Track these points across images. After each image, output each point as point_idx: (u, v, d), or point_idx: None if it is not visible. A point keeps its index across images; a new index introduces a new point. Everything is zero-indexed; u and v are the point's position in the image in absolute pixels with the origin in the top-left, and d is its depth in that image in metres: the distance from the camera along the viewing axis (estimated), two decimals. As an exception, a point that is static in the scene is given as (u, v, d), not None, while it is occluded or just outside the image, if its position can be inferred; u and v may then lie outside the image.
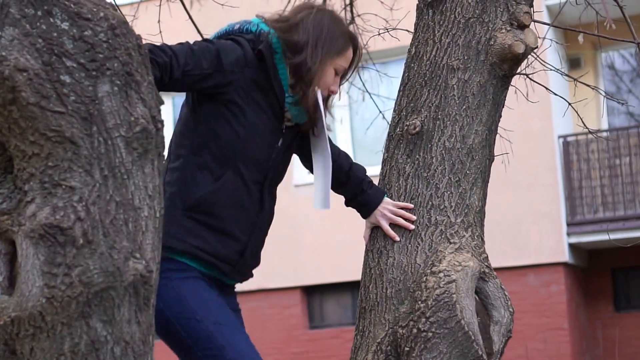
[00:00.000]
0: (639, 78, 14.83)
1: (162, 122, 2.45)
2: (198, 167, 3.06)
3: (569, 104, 4.68)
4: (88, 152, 2.31)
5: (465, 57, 3.60)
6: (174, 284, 2.98)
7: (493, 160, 3.67)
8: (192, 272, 3.03)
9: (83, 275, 2.27)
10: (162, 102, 2.47)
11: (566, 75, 4.85)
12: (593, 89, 4.95)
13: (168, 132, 2.69)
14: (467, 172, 3.52)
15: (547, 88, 4.56)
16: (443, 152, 3.53)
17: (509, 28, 3.63)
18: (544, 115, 13.37)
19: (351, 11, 6.48)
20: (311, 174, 3.45)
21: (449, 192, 3.48)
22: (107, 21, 2.35)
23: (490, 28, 3.63)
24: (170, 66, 2.88)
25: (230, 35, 3.19)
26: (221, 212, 3.06)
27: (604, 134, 13.74)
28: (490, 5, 3.65)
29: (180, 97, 4.27)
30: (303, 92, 3.18)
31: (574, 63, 14.14)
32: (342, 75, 3.37)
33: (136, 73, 2.38)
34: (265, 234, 3.28)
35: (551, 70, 4.64)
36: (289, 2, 5.73)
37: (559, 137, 13.81)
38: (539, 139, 13.60)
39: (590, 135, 13.18)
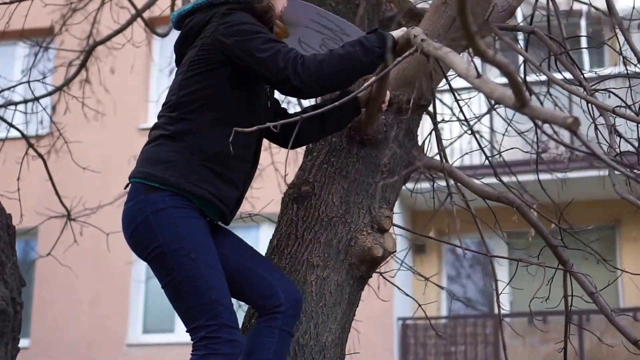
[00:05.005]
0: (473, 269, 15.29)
1: (21, 304, 2.40)
2: (211, 122, 3.35)
3: (416, 302, 4.80)
4: (-60, 332, 2.23)
5: (326, 255, 3.67)
6: (176, 221, 3.24)
7: (344, 359, 3.70)
8: (195, 211, 3.30)
9: None
10: (24, 284, 2.42)
11: (419, 274, 4.96)
12: (439, 287, 5.09)
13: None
14: (319, 370, 3.53)
15: (399, 288, 4.67)
16: (296, 348, 3.54)
17: (369, 231, 3.72)
18: (385, 295, 13.54)
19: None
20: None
21: (298, 389, 3.48)
22: (-21, 200, 2.32)
23: (352, 229, 3.72)
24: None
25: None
26: (230, 163, 3.37)
27: (442, 321, 14.01)
28: (354, 207, 3.75)
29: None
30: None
31: (419, 248, 14.50)
32: None
33: (2, 253, 2.34)
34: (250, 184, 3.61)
35: (408, 270, 4.75)
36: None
37: (398, 319, 14.00)
38: (378, 319, 13.75)
39: (428, 320, 13.40)
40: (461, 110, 4.52)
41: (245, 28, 3.34)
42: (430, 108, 4.34)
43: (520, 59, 4.26)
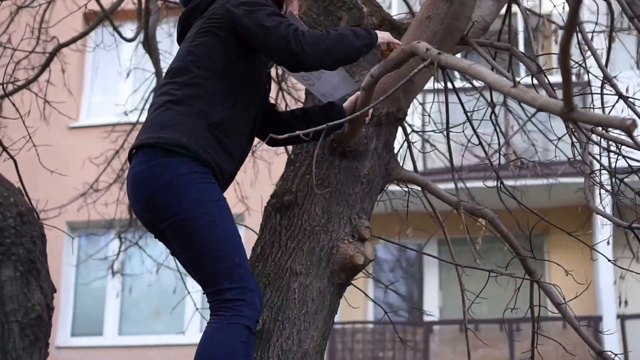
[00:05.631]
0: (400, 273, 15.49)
1: (53, 309, 2.46)
2: (216, 90, 3.41)
3: (382, 309, 4.90)
4: (-20, 335, 2.28)
5: (309, 263, 3.74)
6: (199, 187, 3.27)
7: (323, 366, 3.80)
8: (211, 176, 3.34)
9: None
10: (55, 290, 2.48)
11: (380, 282, 5.08)
12: (400, 295, 5.18)
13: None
14: (301, 376, 3.62)
15: (366, 294, 4.77)
16: (279, 353, 3.60)
17: (350, 240, 3.82)
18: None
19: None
20: None
21: (282, 395, 3.55)
22: (17, 207, 2.37)
23: (333, 237, 3.80)
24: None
25: None
26: (233, 134, 3.43)
27: (370, 326, 14.19)
28: (335, 217, 3.84)
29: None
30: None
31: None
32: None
33: (37, 261, 2.39)
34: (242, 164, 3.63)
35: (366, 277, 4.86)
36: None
37: (327, 323, 14.10)
38: (307, 324, 13.81)
39: (356, 325, 13.59)
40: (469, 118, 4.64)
41: (256, 0, 3.44)
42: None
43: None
